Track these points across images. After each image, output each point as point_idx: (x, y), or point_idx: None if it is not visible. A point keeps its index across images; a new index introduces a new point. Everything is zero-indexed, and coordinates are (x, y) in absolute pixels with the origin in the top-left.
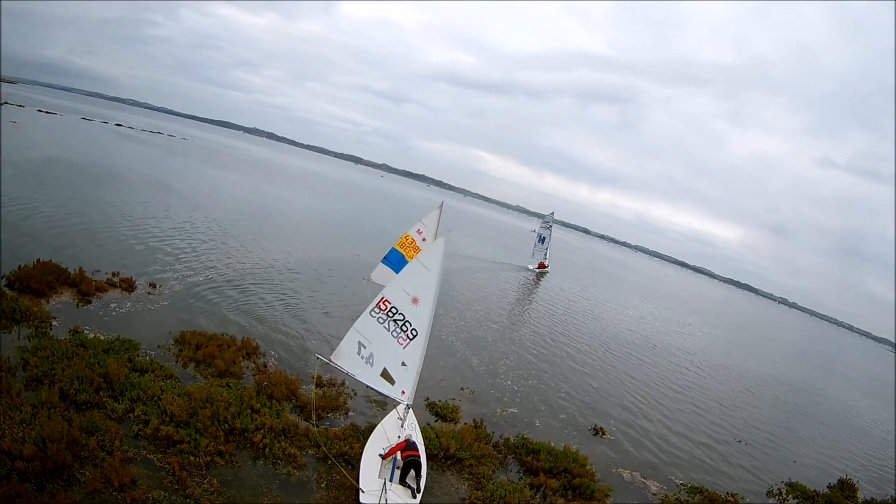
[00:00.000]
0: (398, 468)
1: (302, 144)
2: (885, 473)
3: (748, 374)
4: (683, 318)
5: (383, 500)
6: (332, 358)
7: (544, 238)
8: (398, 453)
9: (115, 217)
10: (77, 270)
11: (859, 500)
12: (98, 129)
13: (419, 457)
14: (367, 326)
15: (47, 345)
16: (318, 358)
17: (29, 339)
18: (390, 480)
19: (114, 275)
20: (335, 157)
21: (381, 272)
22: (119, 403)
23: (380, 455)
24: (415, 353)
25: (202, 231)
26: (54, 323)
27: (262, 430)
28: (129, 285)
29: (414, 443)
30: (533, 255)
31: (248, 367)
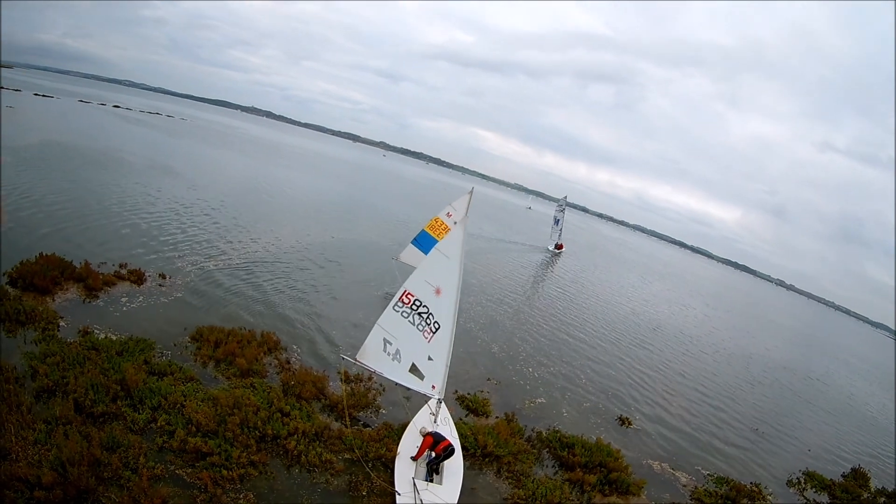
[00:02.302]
0: (430, 464)
1: (300, 123)
2: (893, 460)
3: (753, 359)
4: (685, 301)
5: (418, 501)
6: (357, 357)
7: (559, 220)
8: (428, 451)
9: (117, 203)
10: (83, 264)
11: (872, 489)
12: (96, 112)
13: (450, 445)
14: (392, 322)
15: (56, 350)
16: (343, 359)
17: (36, 344)
18: (425, 480)
19: (121, 266)
20: (333, 135)
21: (411, 253)
22: (139, 413)
23: (411, 458)
24: (441, 346)
25: (208, 215)
26: (62, 323)
27: (295, 436)
28: (138, 277)
29: (439, 434)
30: (551, 236)
31: (270, 364)
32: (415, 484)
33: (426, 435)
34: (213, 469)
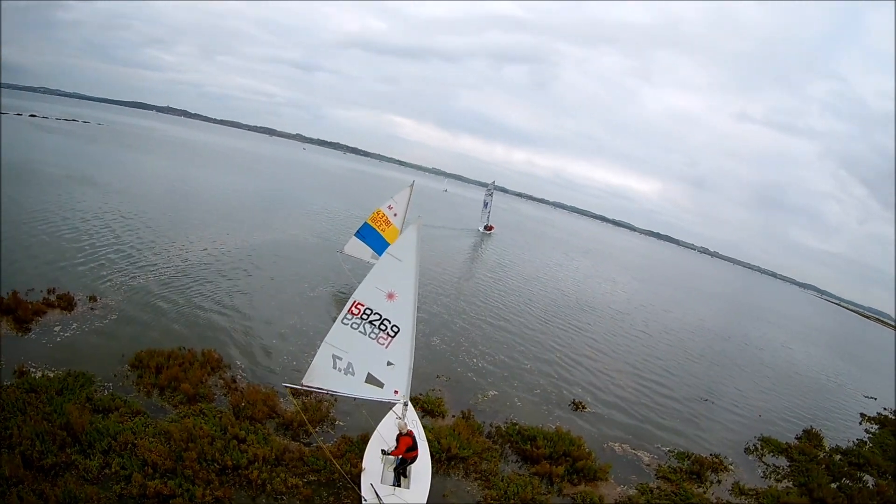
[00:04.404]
0: (397, 469)
1: (216, 120)
2: (839, 418)
3: (689, 331)
4: (613, 276)
5: None
6: (304, 381)
7: (487, 203)
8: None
9: (38, 220)
10: (10, 294)
11: (826, 448)
12: (12, 123)
13: (418, 455)
14: (340, 336)
15: None
16: (285, 387)
17: None
18: (392, 485)
19: (49, 292)
20: (249, 130)
21: (354, 245)
22: (91, 459)
23: (382, 451)
24: (402, 350)
25: (132, 226)
26: None
27: (255, 464)
28: (68, 302)
29: (416, 438)
30: (481, 219)
31: (216, 386)
32: (376, 491)
33: (405, 434)
34: None
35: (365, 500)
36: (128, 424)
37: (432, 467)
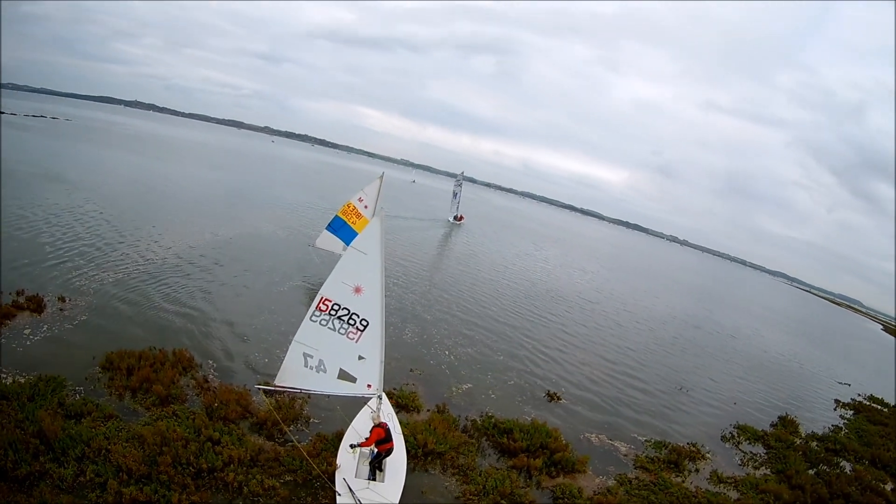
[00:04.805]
0: (372, 462)
1: (184, 113)
2: (814, 405)
3: (661, 320)
4: (583, 265)
5: (356, 500)
6: (277, 381)
7: (457, 194)
8: (373, 447)
9: (4, 221)
10: None
11: (802, 434)
12: None
13: (393, 448)
14: (310, 334)
15: None
16: (258, 389)
17: None
18: (367, 479)
19: (19, 294)
20: (217, 123)
21: (326, 239)
22: (65, 468)
23: (351, 445)
24: (372, 344)
25: (99, 223)
26: None
27: (231, 465)
28: (37, 304)
29: (389, 431)
30: (451, 209)
31: (188, 386)
32: (349, 486)
33: (377, 426)
34: None
35: (339, 495)
36: (101, 429)
37: (409, 463)
